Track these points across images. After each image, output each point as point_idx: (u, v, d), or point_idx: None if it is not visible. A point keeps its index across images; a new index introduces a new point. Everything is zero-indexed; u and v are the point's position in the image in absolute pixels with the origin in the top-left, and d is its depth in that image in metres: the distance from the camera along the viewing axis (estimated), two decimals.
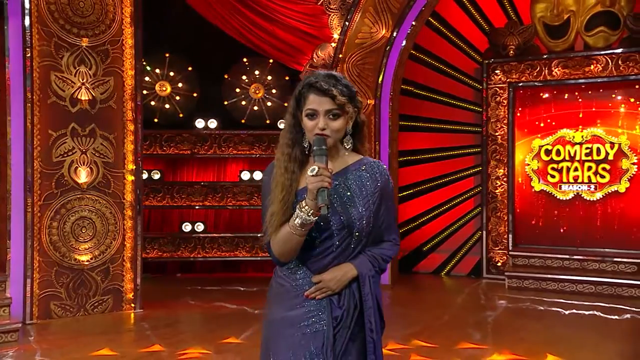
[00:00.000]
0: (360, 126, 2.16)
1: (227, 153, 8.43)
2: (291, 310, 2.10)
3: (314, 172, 1.92)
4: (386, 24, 7.67)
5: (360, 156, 2.18)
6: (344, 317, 2.07)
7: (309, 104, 2.05)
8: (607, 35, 7.78)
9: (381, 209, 2.13)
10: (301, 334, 2.07)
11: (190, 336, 5.43)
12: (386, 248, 2.18)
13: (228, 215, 8.76)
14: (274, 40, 8.19)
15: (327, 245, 2.08)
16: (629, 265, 7.41)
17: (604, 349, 5.06)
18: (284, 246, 2.06)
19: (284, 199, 2.05)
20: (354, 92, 2.09)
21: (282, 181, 2.08)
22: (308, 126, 2.06)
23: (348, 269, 2.09)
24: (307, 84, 2.07)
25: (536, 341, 5.24)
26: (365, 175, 2.12)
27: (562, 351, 4.90)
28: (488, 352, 4.92)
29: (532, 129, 8.29)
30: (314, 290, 2.08)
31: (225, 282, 8.03)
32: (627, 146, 7.76)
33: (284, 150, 2.14)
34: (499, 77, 8.28)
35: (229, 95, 8.52)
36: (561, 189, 8.10)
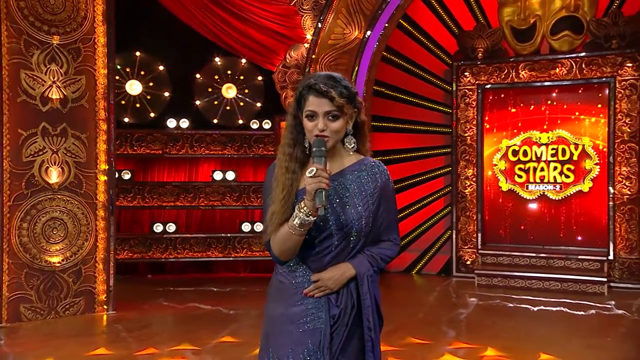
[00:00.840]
0: (360, 126, 2.18)
1: (199, 153, 8.36)
2: (290, 308, 2.12)
3: (311, 173, 1.94)
4: (359, 26, 7.72)
5: (361, 156, 2.20)
6: (342, 315, 2.09)
7: (308, 106, 2.06)
8: (572, 39, 7.99)
9: (380, 209, 2.15)
10: (300, 331, 2.08)
11: (166, 337, 5.37)
12: (386, 248, 2.21)
13: (200, 216, 8.69)
14: (247, 40, 8.16)
15: (326, 244, 2.10)
16: (593, 262, 7.62)
17: (573, 343, 5.21)
18: (284, 245, 2.07)
19: (284, 199, 2.07)
20: (353, 93, 2.11)
21: (283, 181, 2.10)
22: (308, 127, 2.07)
23: (346, 268, 2.11)
24: (307, 86, 2.08)
25: (509, 337, 5.36)
26: (365, 176, 2.14)
27: (534, 346, 5.03)
28: (464, 348, 5.00)
29: (500, 130, 8.46)
30: (313, 288, 2.10)
31: (197, 282, 7.97)
32: (590, 147, 7.99)
33: (285, 150, 2.15)
34: (468, 79, 8.42)
35: (201, 95, 8.45)
36: (528, 189, 8.28)
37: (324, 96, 2.03)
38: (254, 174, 8.74)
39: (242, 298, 7.11)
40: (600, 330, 5.73)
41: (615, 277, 7.69)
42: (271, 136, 8.27)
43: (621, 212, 7.76)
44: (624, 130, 7.74)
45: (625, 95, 7.72)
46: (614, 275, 7.69)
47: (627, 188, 7.73)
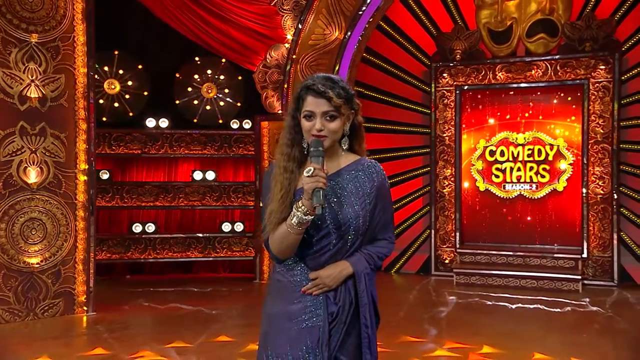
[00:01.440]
0: (357, 127, 2.22)
1: (179, 153, 8.30)
2: (289, 305, 2.14)
3: (309, 172, 1.97)
4: (339, 26, 7.76)
5: (358, 157, 2.23)
6: (340, 313, 2.12)
7: (306, 106, 2.09)
8: (547, 41, 8.14)
9: (377, 209, 2.18)
10: (298, 329, 2.11)
11: (149, 338, 5.33)
12: (382, 246, 2.24)
13: (179, 216, 8.63)
14: (227, 39, 8.13)
15: (324, 243, 2.13)
16: (568, 260, 7.78)
17: (552, 340, 5.32)
18: (282, 244, 2.10)
19: (282, 198, 2.10)
20: (351, 94, 2.14)
21: (281, 180, 2.13)
22: (306, 127, 2.10)
23: (344, 266, 2.14)
24: (305, 86, 2.11)
25: (489, 334, 5.44)
26: (362, 176, 2.17)
27: (516, 344, 5.13)
28: (446, 346, 5.07)
29: (478, 131, 8.58)
30: (311, 286, 2.13)
31: (177, 283, 7.93)
32: (564, 148, 8.16)
33: (284, 150, 2.18)
34: (446, 80, 8.52)
35: (181, 95, 8.40)
36: (505, 189, 8.42)
37: (321, 96, 2.06)
38: (234, 173, 8.72)
39: (224, 298, 7.10)
40: (576, 326, 5.86)
41: (588, 275, 7.86)
42: (251, 136, 8.25)
43: (594, 211, 7.93)
44: (597, 131, 7.91)
45: (598, 97, 7.89)
46: (587, 273, 7.86)
47: (600, 188, 7.90)
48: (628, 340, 5.33)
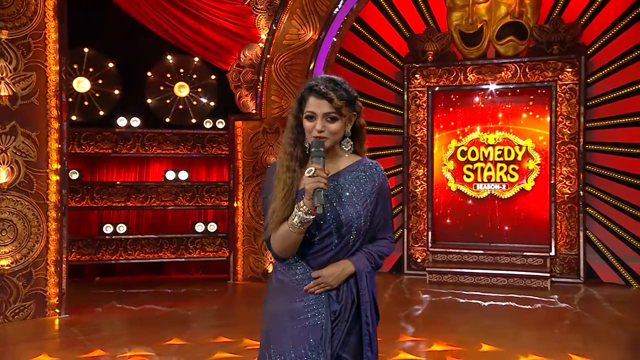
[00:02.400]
0: (359, 129, 2.26)
1: (151, 152, 8.23)
2: (291, 304, 2.18)
3: (310, 173, 2.02)
4: (314, 26, 7.81)
5: (359, 157, 2.28)
6: (342, 311, 2.16)
7: (308, 107, 2.14)
8: (516, 44, 8.34)
9: (377, 208, 2.24)
10: (301, 327, 2.14)
11: (127, 340, 5.28)
12: (382, 245, 2.29)
13: (151, 216, 8.56)
14: (200, 38, 8.10)
15: (326, 243, 2.17)
16: (536, 258, 8.00)
17: (525, 336, 5.49)
18: (284, 243, 2.14)
19: (285, 197, 2.14)
20: (353, 96, 2.18)
21: (284, 179, 2.16)
22: (307, 127, 2.15)
23: (346, 265, 2.18)
24: (308, 87, 2.16)
25: (465, 331, 5.57)
26: (363, 176, 2.22)
27: (490, 340, 5.26)
28: (425, 343, 5.18)
29: (450, 131, 8.75)
30: (313, 285, 2.17)
31: (149, 284, 7.87)
32: (532, 148, 8.38)
33: (286, 149, 2.22)
34: (418, 81, 8.66)
35: (153, 94, 8.33)
36: (476, 188, 8.60)
37: (323, 98, 2.11)
38: (207, 173, 8.69)
39: (199, 299, 7.08)
40: (547, 323, 6.04)
41: (556, 273, 8.09)
42: (225, 136, 8.24)
43: (562, 210, 8.17)
44: (564, 132, 8.15)
45: (565, 99, 8.13)
46: (555, 270, 8.09)
47: (567, 187, 8.15)
48: (597, 335, 5.52)
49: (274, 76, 7.92)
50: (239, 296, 7.53)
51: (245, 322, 5.86)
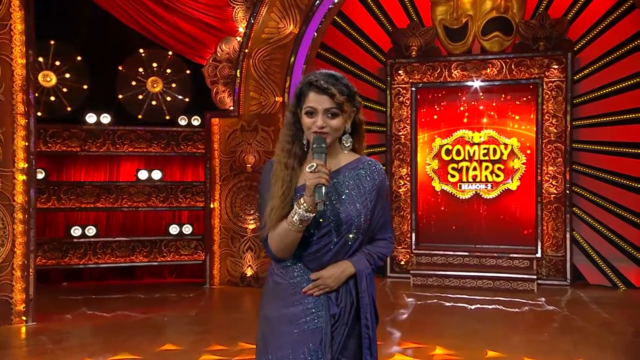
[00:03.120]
0: (358, 125, 2.28)
1: (122, 151, 8.15)
2: (289, 308, 2.18)
3: (312, 168, 2.03)
4: (294, 20, 7.81)
5: (358, 155, 2.29)
6: (342, 314, 2.17)
7: (308, 102, 2.14)
8: (502, 40, 8.44)
9: (377, 207, 2.25)
10: (300, 331, 2.14)
11: (100, 348, 5.20)
12: (382, 246, 2.30)
13: (122, 218, 8.47)
14: (174, 31, 8.05)
15: (325, 242, 2.17)
16: (523, 260, 8.11)
17: (515, 340, 5.56)
18: (282, 242, 2.14)
19: (284, 194, 2.14)
20: (353, 91, 2.20)
21: (282, 176, 2.17)
22: (307, 124, 2.15)
23: (346, 266, 2.19)
24: (308, 83, 2.16)
25: (454, 335, 5.62)
26: (363, 174, 2.23)
27: (479, 344, 5.31)
28: (412, 348, 5.22)
29: (434, 129, 8.82)
30: (312, 287, 2.17)
31: (120, 290, 7.78)
32: (517, 147, 8.49)
33: (284, 146, 2.22)
34: (401, 78, 8.71)
35: (124, 89, 8.25)
36: (461, 188, 8.69)
37: (324, 93, 2.12)
38: (182, 173, 8.63)
39: (174, 304, 7.03)
40: (536, 326, 6.13)
41: (542, 275, 8.21)
42: (201, 133, 8.19)
43: (548, 211, 8.30)
44: (550, 130, 8.28)
45: (552, 97, 8.26)
46: (541, 272, 8.21)
47: (554, 187, 8.28)
48: (586, 338, 5.61)
49: (252, 71, 7.89)
50: (216, 301, 7.48)
51: (224, 328, 5.84)
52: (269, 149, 7.89)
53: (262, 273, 7.92)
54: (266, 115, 7.90)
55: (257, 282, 7.91)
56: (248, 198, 7.96)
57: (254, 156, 7.93)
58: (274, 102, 7.84)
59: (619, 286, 7.97)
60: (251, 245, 7.94)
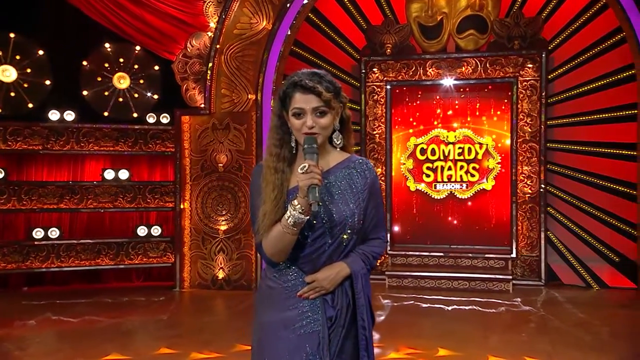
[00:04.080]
0: (345, 122, 2.33)
1: (87, 149, 8.06)
2: (284, 312, 2.21)
3: (304, 169, 2.07)
4: (267, 16, 7.83)
5: (348, 154, 2.34)
6: (338, 316, 2.21)
7: (295, 103, 2.18)
8: (477, 38, 8.61)
9: (370, 206, 2.30)
10: (296, 336, 2.18)
11: (70, 354, 5.17)
12: (375, 245, 2.36)
13: (87, 220, 8.37)
14: (142, 25, 8.01)
15: (320, 243, 2.21)
16: (498, 260, 8.29)
17: (493, 340, 5.71)
18: (277, 245, 2.17)
19: (276, 198, 2.18)
20: (338, 88, 2.25)
21: (273, 180, 2.20)
22: (296, 125, 2.19)
23: (341, 267, 2.24)
24: (292, 83, 2.20)
25: (432, 337, 5.73)
26: (355, 173, 2.28)
27: (459, 345, 5.44)
28: (393, 350, 5.30)
29: (409, 128, 8.95)
30: (307, 289, 2.21)
31: (85, 294, 7.71)
32: (492, 147, 8.68)
33: (272, 150, 2.26)
34: (376, 75, 8.81)
35: (89, 85, 8.15)
36: (436, 188, 8.83)
37: (310, 92, 2.16)
38: (150, 172, 8.58)
39: (144, 308, 6.99)
40: (513, 326, 6.29)
41: (517, 275, 8.40)
42: (170, 132, 8.15)
43: (523, 211, 8.50)
44: (525, 130, 8.48)
45: (526, 96, 8.46)
46: (516, 272, 8.40)
47: (529, 187, 8.48)
48: (563, 338, 5.79)
49: (224, 68, 7.90)
50: (187, 305, 7.46)
51: (197, 333, 5.84)
52: (242, 148, 7.90)
53: (234, 275, 7.93)
54: (239, 113, 7.91)
55: (229, 284, 7.92)
56: (220, 198, 7.96)
57: (226, 155, 7.93)
58: (247, 99, 7.86)
59: (592, 286, 8.20)
60: (223, 247, 7.94)
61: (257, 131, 7.84)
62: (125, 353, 5.19)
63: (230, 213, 7.95)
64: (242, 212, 7.91)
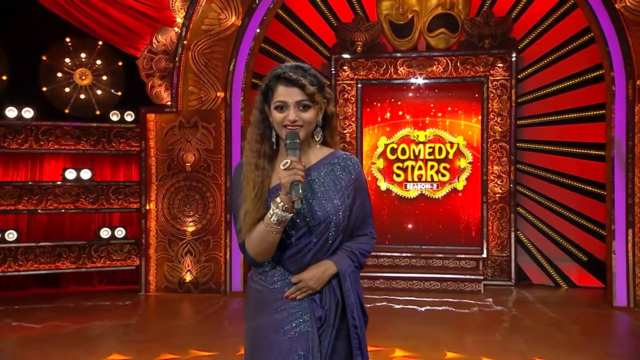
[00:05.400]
0: (330, 118, 2.34)
1: (47, 148, 7.94)
2: (273, 315, 2.23)
3: (286, 165, 2.07)
4: (236, 11, 7.86)
5: (332, 149, 2.36)
6: (327, 316, 2.23)
7: (277, 96, 2.19)
8: (447, 37, 8.80)
9: (356, 203, 2.31)
10: (287, 338, 2.20)
11: None
12: (363, 242, 2.37)
13: (47, 221, 8.26)
14: (105, 19, 7.95)
15: (304, 242, 2.23)
16: (469, 261, 8.48)
17: (468, 340, 5.86)
18: (260, 245, 2.19)
19: (256, 196, 2.19)
20: (322, 82, 2.27)
21: (253, 178, 2.21)
22: (277, 119, 2.20)
23: (327, 266, 2.25)
24: (275, 76, 2.21)
25: (407, 338, 5.85)
26: (338, 169, 2.30)
27: (435, 345, 5.58)
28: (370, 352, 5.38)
29: (379, 128, 9.08)
30: (294, 290, 2.23)
31: (45, 299, 7.61)
32: (464, 146, 8.88)
33: (253, 146, 2.27)
34: (347, 74, 8.91)
35: (49, 81, 8.06)
36: (406, 188, 8.99)
37: (294, 85, 2.17)
38: (114, 172, 8.51)
39: (109, 313, 6.94)
40: (487, 326, 6.46)
41: (488, 275, 8.62)
42: (135, 130, 8.10)
43: (493, 211, 8.72)
44: (495, 129, 8.70)
45: (496, 95, 8.68)
46: (487, 273, 8.62)
47: (499, 187, 8.71)
48: (537, 337, 5.98)
49: (191, 64, 7.89)
50: (155, 309, 7.42)
51: (169, 337, 5.85)
52: (210, 147, 7.91)
53: (203, 278, 7.93)
54: (207, 111, 7.92)
55: (197, 287, 7.91)
56: (187, 199, 7.95)
57: (193, 154, 7.93)
58: (216, 97, 7.87)
59: (561, 285, 8.47)
60: (191, 248, 7.93)
61: (227, 130, 7.86)
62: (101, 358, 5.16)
63: (198, 214, 7.95)
64: (211, 213, 7.92)
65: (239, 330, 6.21)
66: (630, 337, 6.47)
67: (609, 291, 7.42)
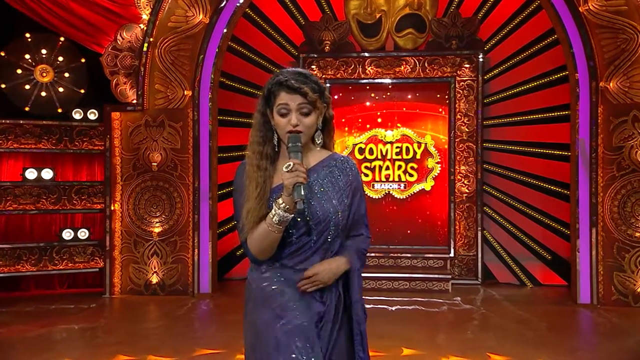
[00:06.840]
0: (328, 121, 2.48)
1: (6, 147, 7.87)
2: (272, 310, 2.35)
3: (288, 167, 2.22)
4: (204, 9, 7.91)
5: (330, 152, 2.51)
6: (327, 311, 2.36)
7: (280, 102, 2.33)
8: (415, 37, 9.01)
9: (353, 203, 2.46)
10: (284, 332, 2.30)
11: None
12: (362, 242, 2.53)
13: (5, 222, 8.17)
14: (67, 14, 7.93)
15: (304, 241, 2.37)
16: (437, 260, 8.71)
17: (441, 339, 6.08)
18: (262, 243, 2.33)
19: (259, 196, 2.33)
20: (323, 88, 2.41)
21: (256, 178, 2.35)
22: (280, 123, 2.34)
23: (340, 262, 2.40)
24: (277, 83, 2.35)
25: (380, 337, 5.97)
26: (337, 171, 2.44)
27: (408, 344, 5.75)
28: None
29: (348, 127, 9.25)
30: (306, 282, 2.36)
31: (4, 303, 7.53)
32: (432, 146, 9.11)
33: (255, 148, 2.40)
34: (314, 73, 9.01)
35: (7, 78, 7.99)
36: (374, 188, 9.18)
37: (296, 92, 2.31)
38: (76, 172, 8.46)
39: (74, 316, 6.92)
40: (457, 324, 6.69)
41: (455, 274, 8.87)
42: (98, 129, 8.07)
43: (460, 210, 8.98)
44: (462, 129, 8.96)
45: (463, 95, 8.94)
46: (454, 272, 8.86)
47: (466, 186, 8.97)
48: (507, 334, 6.24)
49: (158, 62, 7.91)
50: (121, 311, 7.42)
51: (142, 339, 5.89)
52: (177, 147, 7.95)
53: (170, 280, 7.96)
54: (174, 110, 7.95)
55: (164, 289, 7.94)
56: (154, 199, 7.96)
57: (160, 154, 7.94)
58: (183, 96, 7.91)
59: (526, 284, 8.78)
60: (157, 250, 7.95)
61: (194, 129, 7.90)
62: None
63: (165, 214, 7.97)
64: (178, 214, 7.95)
65: (211, 332, 6.34)
66: (595, 333, 6.79)
67: (573, 289, 7.73)
